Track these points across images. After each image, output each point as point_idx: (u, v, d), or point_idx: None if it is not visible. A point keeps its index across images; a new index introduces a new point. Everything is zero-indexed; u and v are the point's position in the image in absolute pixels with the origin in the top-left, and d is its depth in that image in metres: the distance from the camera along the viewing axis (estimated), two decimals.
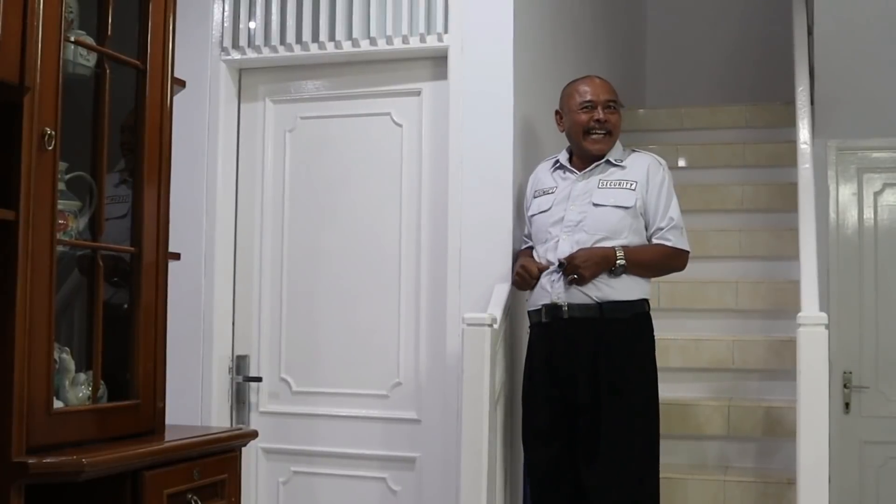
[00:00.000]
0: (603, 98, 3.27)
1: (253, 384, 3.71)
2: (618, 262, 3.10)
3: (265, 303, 3.73)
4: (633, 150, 3.34)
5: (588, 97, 3.26)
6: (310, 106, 3.74)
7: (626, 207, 3.16)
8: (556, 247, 3.17)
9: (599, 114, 3.24)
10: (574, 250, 3.13)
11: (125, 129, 2.43)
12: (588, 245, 3.13)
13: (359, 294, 3.62)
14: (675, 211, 3.22)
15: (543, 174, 3.36)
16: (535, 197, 3.33)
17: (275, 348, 3.72)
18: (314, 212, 3.70)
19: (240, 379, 3.71)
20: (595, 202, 3.18)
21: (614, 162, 3.25)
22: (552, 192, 3.27)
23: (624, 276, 3.12)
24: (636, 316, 3.17)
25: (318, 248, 3.68)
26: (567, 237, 3.17)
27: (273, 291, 3.72)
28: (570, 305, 3.13)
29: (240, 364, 3.73)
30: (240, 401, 3.72)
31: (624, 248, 3.13)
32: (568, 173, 3.28)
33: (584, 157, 3.28)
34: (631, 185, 3.19)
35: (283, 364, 3.71)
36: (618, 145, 3.31)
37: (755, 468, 3.79)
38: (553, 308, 3.15)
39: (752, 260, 4.58)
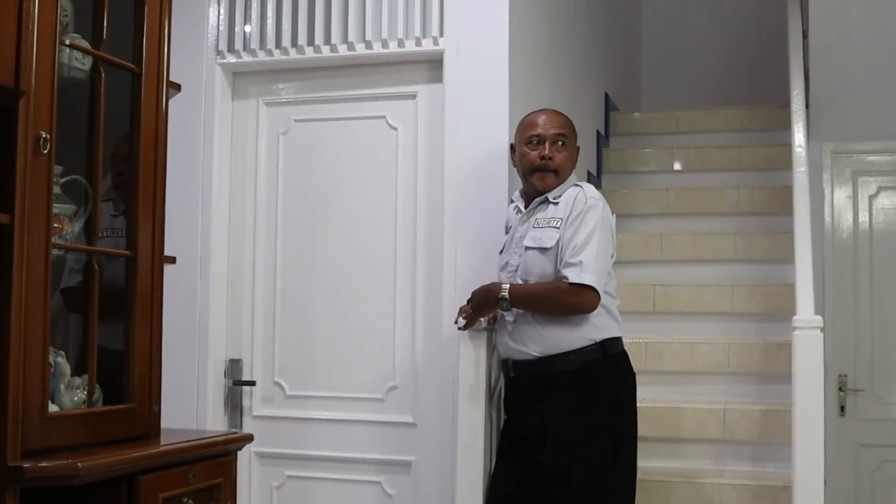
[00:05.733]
0: (552, 132, 3.02)
1: (246, 388, 3.69)
2: (500, 293, 2.90)
3: (258, 306, 3.71)
4: (575, 185, 3.02)
5: (537, 131, 3.03)
6: (304, 109, 3.72)
7: (547, 249, 2.91)
8: None
9: (546, 149, 3.00)
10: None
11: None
12: None
13: (353, 298, 3.61)
14: (586, 247, 2.84)
15: (511, 210, 3.17)
16: (505, 234, 3.17)
17: (268, 352, 3.69)
18: (308, 215, 3.69)
19: (230, 383, 3.69)
20: (526, 245, 2.97)
21: (551, 199, 3.00)
22: (508, 233, 3.12)
23: (562, 323, 2.88)
24: (586, 366, 2.88)
25: (312, 251, 3.67)
26: (509, 284, 2.96)
27: (266, 295, 3.70)
28: (514, 363, 2.98)
29: (233, 368, 3.70)
30: (233, 405, 3.69)
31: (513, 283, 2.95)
32: (519, 213, 3.10)
33: (531, 195, 3.07)
34: (557, 222, 2.93)
35: (276, 368, 3.68)
36: (566, 182, 3.04)
37: (751, 472, 3.78)
38: (503, 364, 3.09)
39: (747, 263, 4.58)
